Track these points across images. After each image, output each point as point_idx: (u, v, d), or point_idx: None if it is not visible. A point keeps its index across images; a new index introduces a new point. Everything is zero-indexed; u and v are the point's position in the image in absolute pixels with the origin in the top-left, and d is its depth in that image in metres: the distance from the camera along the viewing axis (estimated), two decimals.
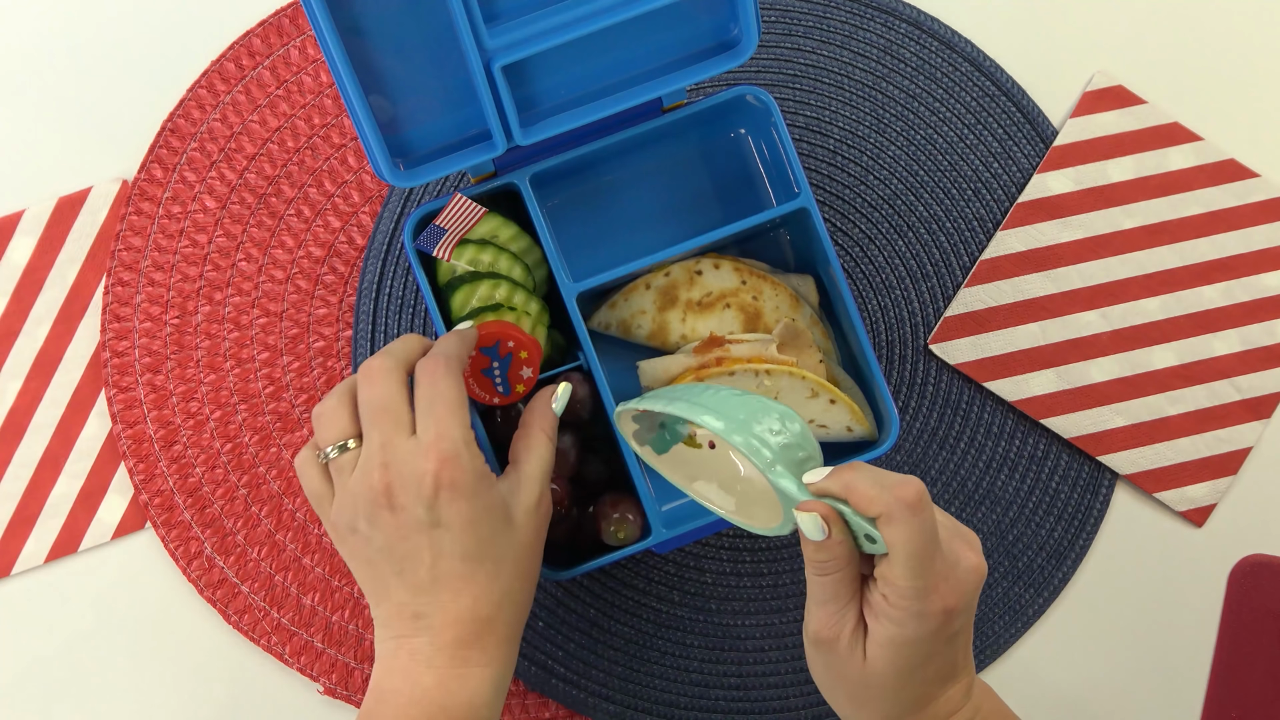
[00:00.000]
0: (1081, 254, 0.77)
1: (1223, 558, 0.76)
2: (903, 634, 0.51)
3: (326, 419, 0.57)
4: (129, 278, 0.75)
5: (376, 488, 0.54)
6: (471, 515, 0.54)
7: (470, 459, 0.55)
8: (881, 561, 0.51)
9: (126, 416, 0.74)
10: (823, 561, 0.52)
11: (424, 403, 0.56)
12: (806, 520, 0.52)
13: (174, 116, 0.76)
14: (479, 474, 0.55)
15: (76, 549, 0.74)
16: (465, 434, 0.55)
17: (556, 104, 0.64)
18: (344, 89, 0.58)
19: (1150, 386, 0.76)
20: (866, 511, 0.51)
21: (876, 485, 0.50)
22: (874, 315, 0.76)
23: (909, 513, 0.50)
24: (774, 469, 0.53)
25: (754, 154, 0.71)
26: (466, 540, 0.54)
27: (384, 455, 0.54)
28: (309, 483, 0.57)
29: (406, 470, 0.54)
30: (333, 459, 0.56)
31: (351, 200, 0.76)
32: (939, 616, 0.51)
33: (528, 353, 0.63)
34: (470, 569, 0.55)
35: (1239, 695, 0.75)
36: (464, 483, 0.54)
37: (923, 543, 0.50)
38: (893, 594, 0.51)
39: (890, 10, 0.78)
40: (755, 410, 0.54)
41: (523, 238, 0.67)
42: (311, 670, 0.74)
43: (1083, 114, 0.77)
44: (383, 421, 0.55)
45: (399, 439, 0.55)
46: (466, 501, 0.54)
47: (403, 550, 0.54)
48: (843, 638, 0.53)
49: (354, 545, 0.56)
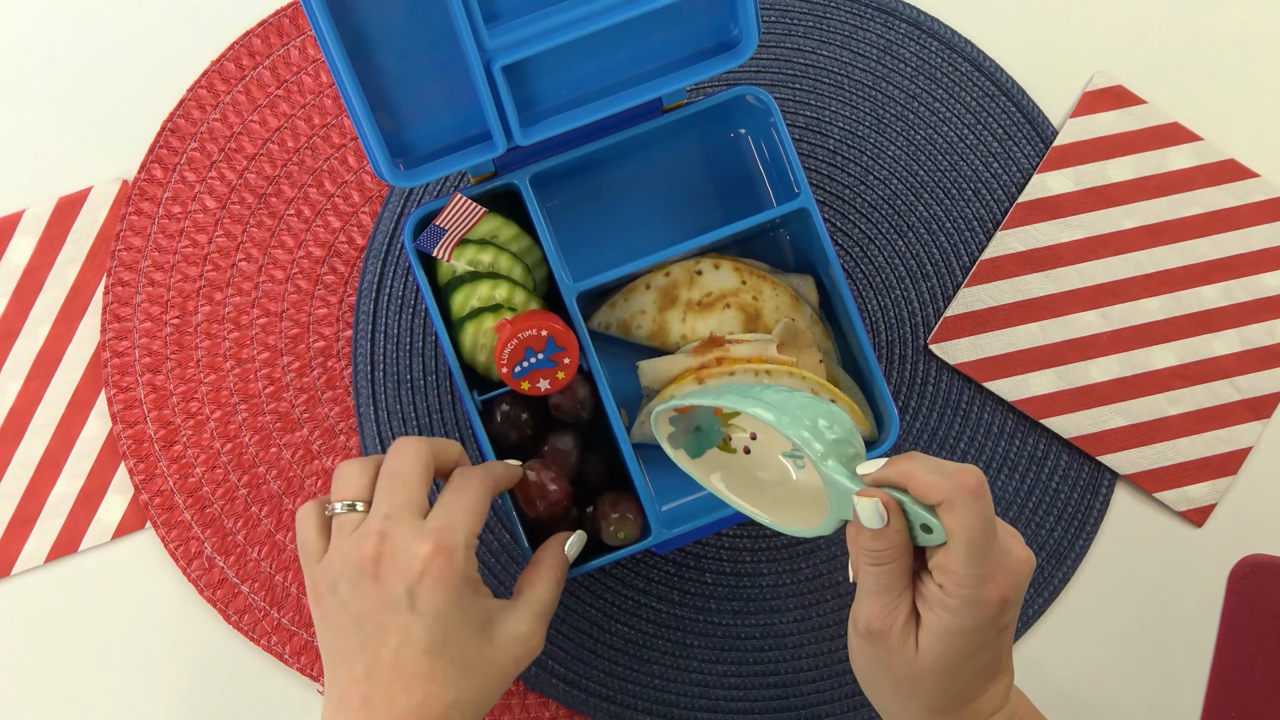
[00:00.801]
0: (1081, 254, 0.77)
1: (1223, 558, 0.76)
2: (958, 623, 0.51)
3: (346, 476, 0.57)
4: (129, 278, 0.75)
5: (368, 554, 0.54)
6: (446, 611, 0.54)
7: (464, 562, 0.55)
8: (937, 551, 0.51)
9: (126, 416, 0.74)
10: (880, 550, 0.52)
11: (447, 495, 0.56)
12: (866, 507, 0.51)
13: (174, 116, 0.76)
14: (467, 577, 0.55)
15: (76, 549, 0.74)
16: (469, 540, 0.55)
17: (557, 104, 0.64)
18: (344, 89, 0.58)
19: (1150, 386, 0.76)
20: (926, 498, 0.51)
21: (937, 472, 0.51)
22: (874, 315, 0.76)
23: (971, 498, 0.50)
24: (826, 462, 0.53)
25: (754, 154, 0.71)
26: (434, 633, 0.53)
27: (385, 526, 0.54)
28: (305, 532, 0.57)
29: (401, 546, 0.54)
30: (338, 514, 0.56)
31: (351, 200, 0.76)
32: (995, 605, 0.51)
33: (565, 343, 0.63)
34: (429, 665, 0.53)
35: (1239, 695, 0.75)
36: (450, 578, 0.54)
37: (983, 529, 0.50)
38: (950, 582, 0.51)
39: (890, 10, 0.78)
40: (805, 406, 0.55)
41: (523, 238, 0.67)
42: (311, 670, 0.74)
43: (1083, 114, 0.77)
44: (396, 494, 0.55)
45: (405, 516, 0.55)
46: (446, 596, 0.54)
47: (373, 625, 0.54)
48: (895, 629, 0.53)
49: (329, 606, 0.55)
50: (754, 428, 0.62)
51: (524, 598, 0.58)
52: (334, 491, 0.57)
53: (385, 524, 0.54)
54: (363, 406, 0.74)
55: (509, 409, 0.66)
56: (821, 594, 0.75)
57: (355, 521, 0.56)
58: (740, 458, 0.63)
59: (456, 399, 0.74)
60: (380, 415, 0.74)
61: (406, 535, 0.54)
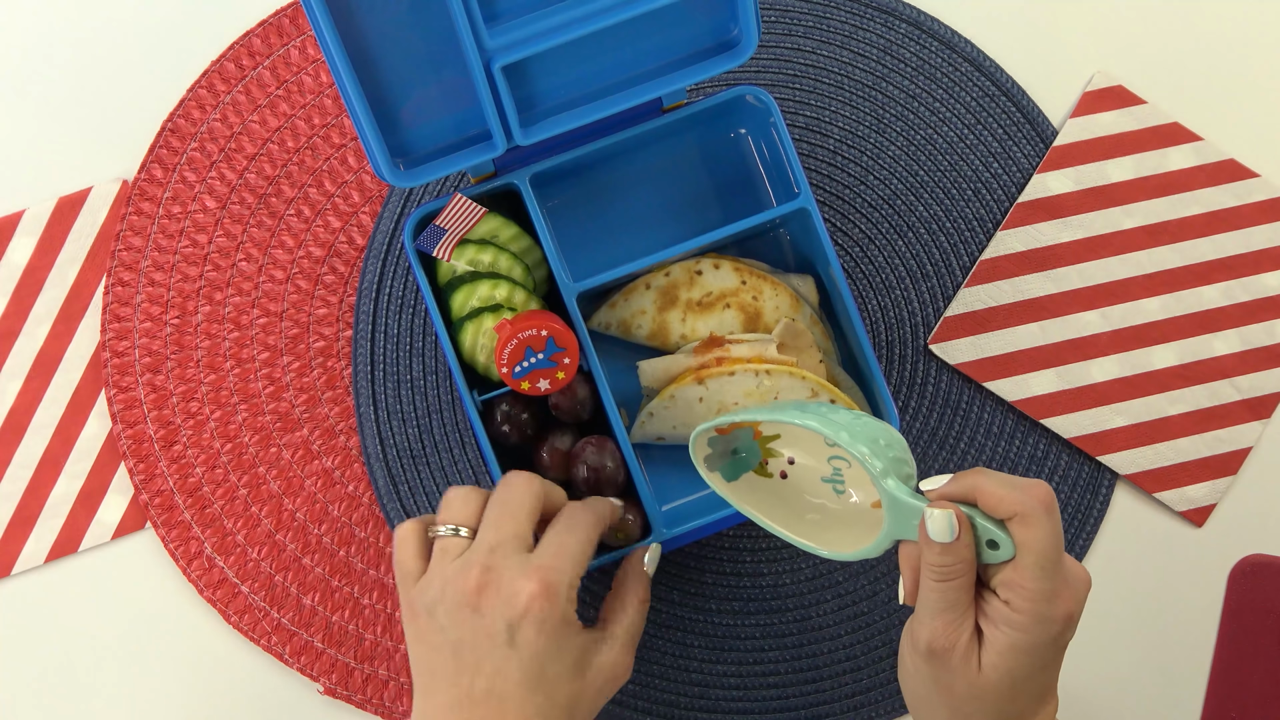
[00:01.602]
0: (1081, 254, 0.77)
1: (1223, 558, 0.76)
2: (1025, 640, 0.51)
3: (457, 501, 0.57)
4: (129, 278, 0.75)
5: (470, 585, 0.54)
6: (545, 650, 0.54)
7: (566, 604, 0.54)
8: (1002, 568, 0.51)
9: (126, 416, 0.74)
10: (948, 565, 0.51)
11: (555, 533, 0.56)
12: (939, 520, 0.51)
13: (174, 116, 0.76)
14: (567, 620, 0.55)
15: (76, 549, 0.74)
16: (573, 581, 0.55)
17: (556, 104, 0.64)
18: (344, 89, 0.58)
19: (1150, 386, 0.76)
20: (997, 512, 0.51)
21: (1008, 485, 0.51)
22: (874, 315, 0.76)
23: (1045, 512, 0.50)
24: (888, 480, 0.53)
25: (754, 154, 0.71)
26: (529, 671, 0.53)
27: (490, 559, 0.54)
28: (404, 553, 0.57)
29: (505, 580, 0.54)
30: (441, 536, 0.56)
31: (351, 200, 0.76)
32: (1061, 621, 0.51)
33: (565, 343, 0.63)
34: (520, 701, 0.53)
35: (1239, 695, 0.75)
36: (551, 620, 0.54)
37: (1055, 544, 0.50)
38: (1018, 598, 0.50)
39: (890, 10, 0.78)
40: (864, 424, 0.55)
41: (523, 238, 0.67)
42: (311, 670, 0.74)
43: (1083, 114, 0.77)
44: (504, 526, 0.55)
45: (511, 549, 0.55)
46: (546, 638, 0.54)
47: (469, 655, 0.54)
48: (958, 647, 0.52)
49: (424, 627, 0.55)
50: (794, 451, 0.62)
51: (612, 628, 0.58)
52: (440, 514, 0.57)
53: (490, 556, 0.54)
54: (363, 406, 0.74)
55: (509, 409, 0.66)
56: (821, 594, 0.75)
57: (459, 547, 0.56)
58: (776, 482, 0.62)
59: (456, 399, 0.74)
60: (380, 415, 0.74)
61: (512, 570, 0.54)
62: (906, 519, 0.53)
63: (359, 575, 0.74)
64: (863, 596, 0.75)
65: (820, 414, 0.55)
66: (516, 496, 0.56)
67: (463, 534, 0.56)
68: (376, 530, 0.75)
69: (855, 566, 0.75)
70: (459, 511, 0.57)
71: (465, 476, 0.74)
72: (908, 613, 0.75)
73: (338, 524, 0.74)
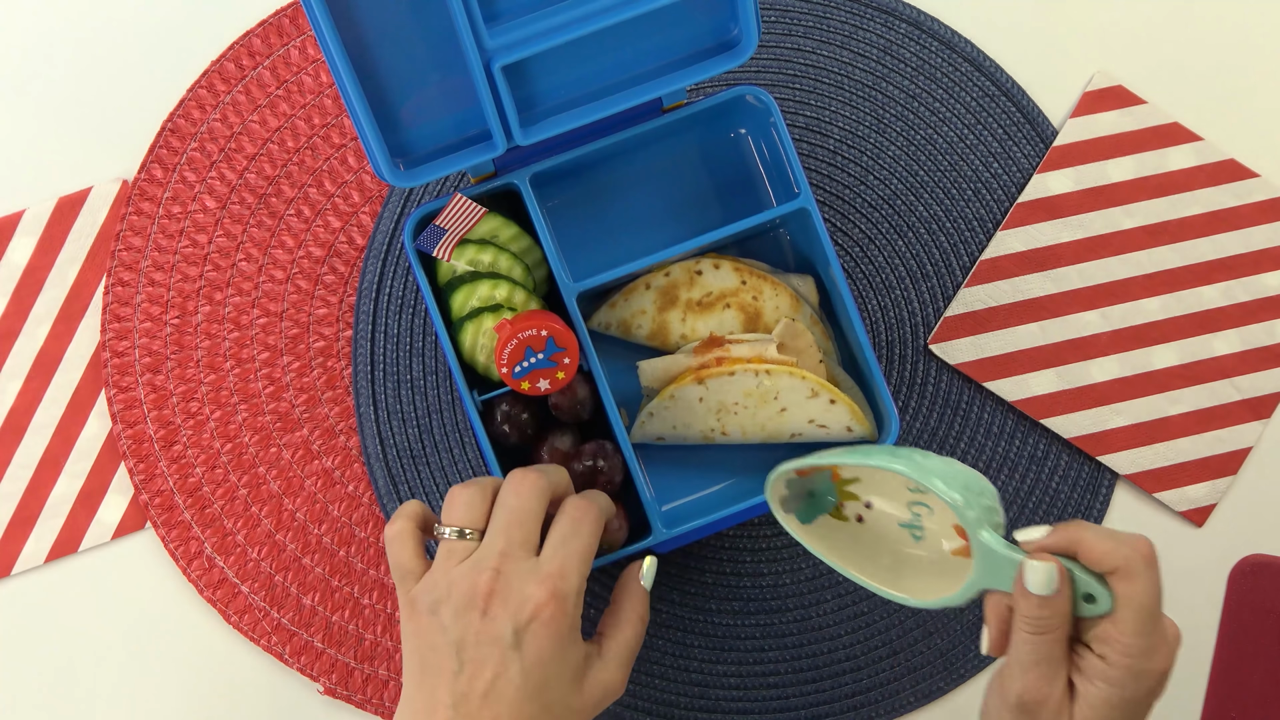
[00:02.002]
0: (1081, 254, 0.77)
1: (1223, 558, 0.76)
2: (1120, 695, 0.50)
3: (461, 502, 0.56)
4: (129, 278, 0.75)
5: (479, 589, 0.53)
6: (548, 658, 0.53)
7: (573, 610, 0.54)
8: (1098, 621, 0.51)
9: (126, 416, 0.74)
10: (1045, 618, 0.51)
11: (560, 534, 0.56)
12: (1039, 572, 0.51)
13: (174, 116, 0.76)
14: (573, 626, 0.55)
15: (76, 549, 0.74)
16: (581, 585, 0.55)
17: (556, 104, 0.64)
18: (344, 89, 0.58)
19: (1150, 386, 0.76)
20: (1099, 566, 0.50)
21: (1111, 539, 0.50)
22: (874, 315, 0.76)
23: (1146, 567, 0.50)
24: (981, 530, 0.53)
25: (754, 154, 0.71)
26: (531, 677, 0.53)
27: (499, 563, 0.54)
28: (400, 556, 0.57)
29: (515, 586, 0.54)
30: (445, 538, 0.56)
31: (351, 200, 0.76)
32: (1156, 677, 0.51)
33: (565, 343, 0.63)
34: (519, 703, 0.53)
35: (1239, 695, 0.75)
36: (559, 626, 0.53)
37: (1155, 599, 0.50)
38: (1115, 653, 0.50)
39: (890, 10, 0.78)
40: (952, 470, 0.54)
41: (523, 238, 0.67)
42: (311, 670, 0.74)
43: (1083, 114, 0.77)
44: (513, 532, 0.55)
45: (520, 555, 0.54)
46: (552, 644, 0.53)
47: (471, 655, 0.53)
48: (1051, 701, 0.52)
49: (425, 625, 0.55)
50: (873, 495, 0.61)
51: (609, 645, 0.58)
52: (445, 515, 0.57)
53: (501, 561, 0.54)
54: (363, 406, 0.74)
55: (509, 409, 0.66)
56: (821, 594, 0.75)
57: (466, 550, 0.55)
58: (852, 526, 0.62)
59: (456, 399, 0.74)
60: (380, 415, 0.74)
61: (521, 575, 0.54)
62: (998, 569, 0.52)
63: (359, 575, 0.74)
64: (863, 597, 0.75)
65: (911, 460, 0.55)
66: (524, 501, 0.56)
67: (468, 535, 0.56)
68: (376, 530, 0.75)
69: None
70: (467, 514, 0.56)
71: (465, 477, 0.74)
72: (911, 614, 0.75)
73: (338, 524, 0.74)
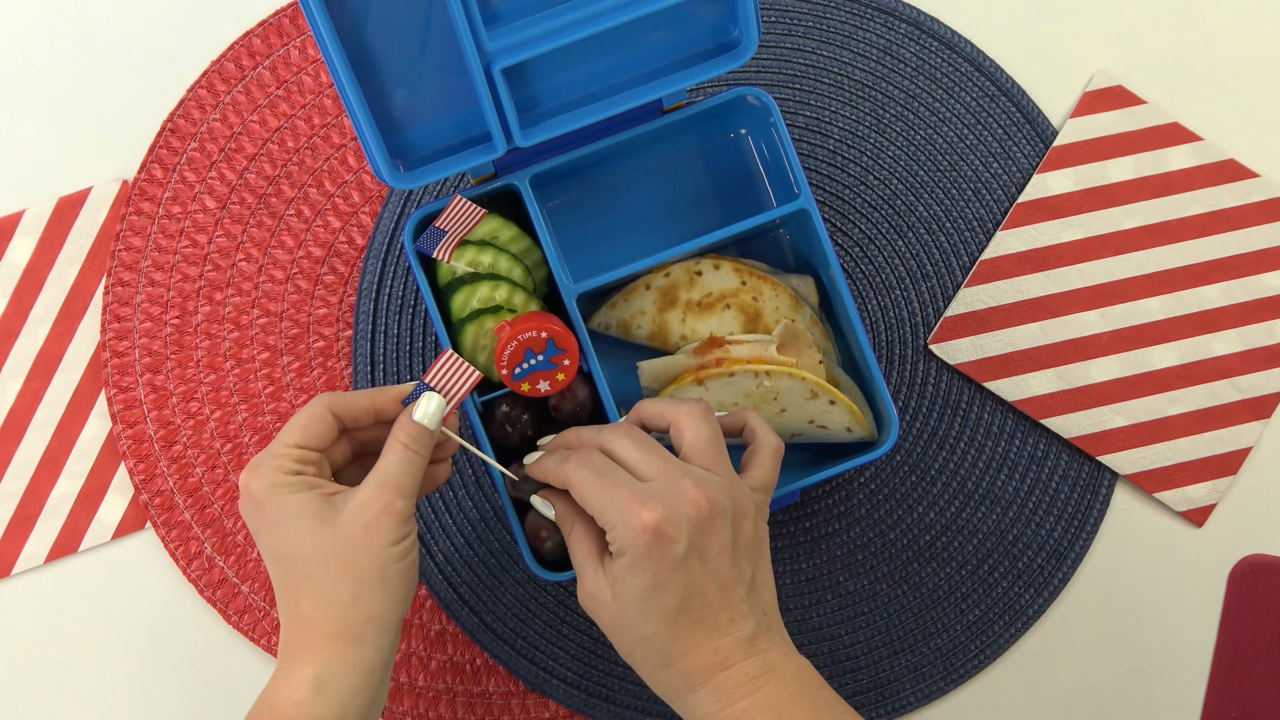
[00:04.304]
0: (1081, 254, 0.77)
1: (1223, 558, 0.76)
2: None
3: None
4: (129, 278, 0.75)
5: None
6: (263, 525, 0.56)
7: (272, 473, 0.55)
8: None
9: (126, 416, 0.74)
10: None
11: None
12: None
13: (174, 116, 0.76)
14: (273, 485, 0.55)
15: (76, 549, 0.74)
16: (280, 451, 0.56)
17: (556, 105, 0.64)
18: (344, 90, 0.58)
19: (1150, 386, 0.76)
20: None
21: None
22: (874, 315, 0.76)
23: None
24: None
25: (754, 154, 0.71)
26: (271, 545, 0.55)
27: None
28: None
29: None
30: None
31: (351, 200, 0.76)
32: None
33: (565, 345, 0.63)
34: (280, 572, 0.55)
35: (1239, 695, 0.75)
36: (256, 491, 0.55)
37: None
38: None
39: (890, 10, 0.77)
40: None
41: (523, 239, 0.67)
42: None
43: (1083, 114, 0.77)
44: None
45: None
46: (260, 510, 0.55)
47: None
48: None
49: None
50: None
51: (369, 472, 0.58)
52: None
53: None
54: None
55: (508, 410, 0.66)
56: (822, 594, 0.75)
57: None
58: None
59: None
60: None
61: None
62: None
63: None
64: (863, 597, 0.75)
65: None
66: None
67: None
68: None
69: (857, 567, 0.75)
70: None
71: (465, 477, 0.74)
72: (910, 614, 0.75)
73: None
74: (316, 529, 0.55)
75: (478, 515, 0.74)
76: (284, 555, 0.55)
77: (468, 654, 0.74)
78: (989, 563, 0.75)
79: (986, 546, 0.75)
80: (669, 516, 0.52)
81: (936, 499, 0.75)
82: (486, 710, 0.74)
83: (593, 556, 0.56)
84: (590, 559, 0.56)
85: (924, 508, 0.75)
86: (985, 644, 0.75)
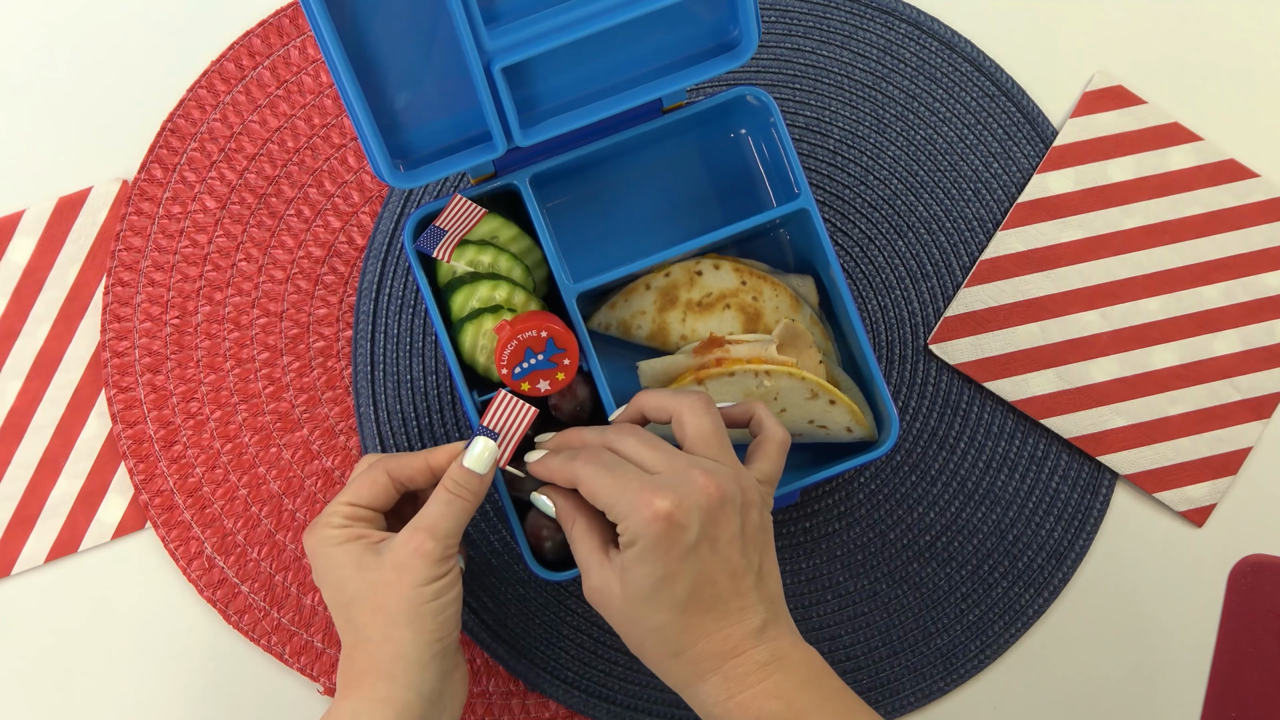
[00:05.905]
0: (1081, 254, 0.77)
1: (1223, 558, 0.76)
2: None
3: None
4: (129, 278, 0.75)
5: None
6: (317, 576, 0.60)
7: (325, 529, 0.60)
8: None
9: (126, 416, 0.74)
10: None
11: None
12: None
13: (174, 116, 0.76)
14: (321, 540, 0.60)
15: (76, 549, 0.74)
16: (336, 510, 0.60)
17: (556, 105, 0.64)
18: (344, 90, 0.58)
19: (1150, 386, 0.76)
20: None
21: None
22: (874, 315, 0.76)
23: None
24: None
25: (754, 154, 0.71)
26: (326, 593, 0.60)
27: None
28: None
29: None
30: None
31: (351, 200, 0.76)
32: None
33: (565, 344, 0.63)
34: (334, 616, 0.60)
35: (1239, 695, 0.75)
36: (316, 544, 0.60)
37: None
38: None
39: (890, 10, 0.77)
40: None
41: (523, 238, 0.67)
42: (311, 670, 0.74)
43: (1083, 114, 0.77)
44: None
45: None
46: (319, 559, 0.60)
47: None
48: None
49: None
50: None
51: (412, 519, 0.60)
52: None
53: None
54: (363, 406, 0.74)
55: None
56: (822, 594, 0.75)
57: None
58: None
59: (456, 399, 0.74)
60: (380, 415, 0.74)
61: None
62: None
63: None
64: (863, 597, 0.75)
65: None
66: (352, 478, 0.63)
67: None
68: None
69: (857, 567, 0.75)
70: None
71: None
72: (910, 614, 0.75)
73: None
74: (357, 574, 0.59)
75: (478, 515, 0.74)
76: (333, 601, 0.60)
77: (467, 654, 0.74)
78: (989, 563, 0.75)
79: (986, 546, 0.75)
80: (680, 504, 0.52)
81: (936, 499, 0.75)
82: (486, 710, 0.74)
83: (597, 550, 0.56)
84: (595, 553, 0.56)
85: (924, 508, 0.75)
86: (985, 644, 0.75)
